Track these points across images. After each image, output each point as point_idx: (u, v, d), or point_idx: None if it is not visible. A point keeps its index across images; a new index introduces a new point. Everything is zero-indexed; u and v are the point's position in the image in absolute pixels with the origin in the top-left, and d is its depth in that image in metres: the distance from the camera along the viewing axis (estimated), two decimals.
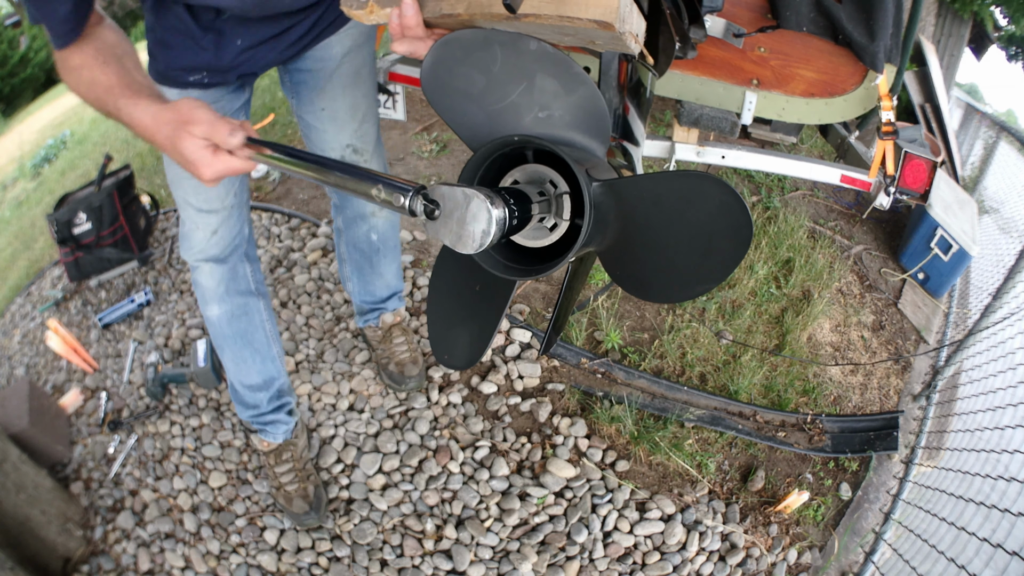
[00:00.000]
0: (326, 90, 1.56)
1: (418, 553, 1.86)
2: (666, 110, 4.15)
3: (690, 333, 2.54)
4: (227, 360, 1.78)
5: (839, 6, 2.06)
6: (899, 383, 2.72)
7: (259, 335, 1.77)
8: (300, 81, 1.56)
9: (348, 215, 1.90)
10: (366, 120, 1.66)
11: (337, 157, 1.65)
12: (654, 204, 0.62)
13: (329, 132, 1.62)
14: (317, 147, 1.68)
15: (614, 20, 0.60)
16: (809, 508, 2.05)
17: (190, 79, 1.35)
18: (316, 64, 1.52)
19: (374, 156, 1.73)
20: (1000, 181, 5.79)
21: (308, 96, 1.58)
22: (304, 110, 1.62)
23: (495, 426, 2.16)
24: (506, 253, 0.72)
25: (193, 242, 1.58)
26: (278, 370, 1.84)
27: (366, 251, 1.97)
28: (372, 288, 2.10)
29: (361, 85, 1.60)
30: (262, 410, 1.85)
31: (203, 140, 0.90)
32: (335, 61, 1.52)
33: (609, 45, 0.70)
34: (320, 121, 1.61)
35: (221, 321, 1.70)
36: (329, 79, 1.55)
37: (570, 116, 0.67)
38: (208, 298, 1.67)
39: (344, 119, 1.61)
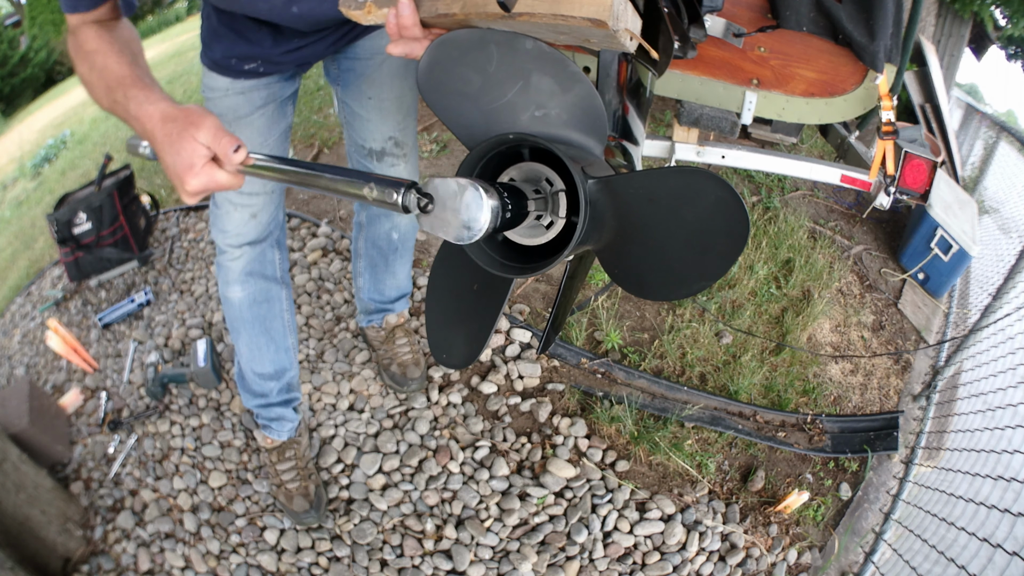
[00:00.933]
0: (375, 79, 1.55)
1: (418, 553, 1.86)
2: (666, 110, 4.15)
3: (690, 333, 2.54)
4: (241, 344, 1.76)
5: (839, 6, 2.06)
6: (899, 383, 2.71)
7: (277, 324, 1.76)
8: (348, 68, 1.56)
9: (373, 211, 1.91)
10: (410, 114, 1.66)
11: (378, 148, 1.66)
12: (650, 201, 0.62)
13: (373, 121, 1.62)
14: (359, 136, 1.67)
15: (608, 18, 0.60)
16: (809, 508, 2.05)
17: (245, 67, 1.36)
18: (367, 53, 1.52)
19: (412, 151, 1.73)
20: (1000, 181, 5.79)
21: (356, 84, 1.57)
22: (350, 97, 1.61)
23: (495, 426, 2.16)
24: (503, 251, 0.72)
25: (229, 226, 1.56)
26: (291, 361, 1.84)
27: (384, 249, 1.96)
28: (383, 287, 2.09)
29: (409, 77, 1.59)
30: (270, 400, 1.84)
31: (204, 148, 0.88)
32: (383, 53, 1.51)
33: (604, 43, 0.70)
34: (366, 110, 1.61)
35: (242, 304, 1.69)
36: (379, 68, 1.54)
37: (566, 115, 0.67)
38: (231, 279, 1.65)
39: (390, 109, 1.61)
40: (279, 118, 1.51)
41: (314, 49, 1.41)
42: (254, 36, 1.32)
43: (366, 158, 1.69)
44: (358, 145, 1.69)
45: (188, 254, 3.04)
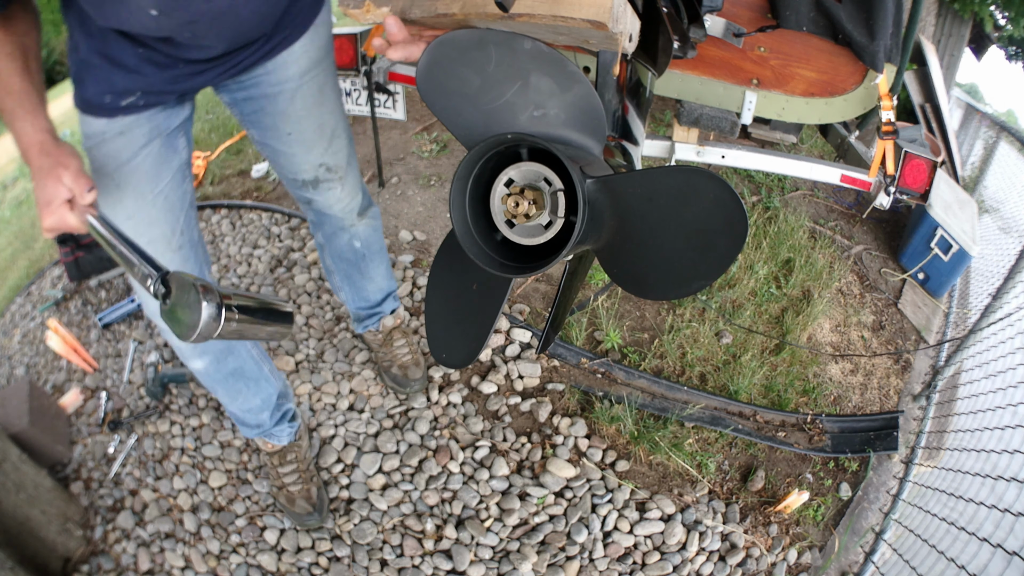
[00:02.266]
0: (289, 113, 1.44)
1: (418, 553, 1.86)
2: (666, 110, 4.15)
3: (690, 333, 2.54)
4: (222, 397, 1.71)
5: (839, 6, 2.06)
6: (899, 383, 2.71)
7: (248, 364, 1.68)
8: (258, 109, 1.43)
9: (327, 230, 1.83)
10: (336, 136, 1.56)
11: (311, 178, 1.59)
12: (649, 201, 0.62)
13: (298, 155, 1.53)
14: (287, 171, 1.59)
15: (607, 20, 0.60)
16: (809, 508, 2.05)
17: (122, 104, 1.19)
18: (274, 88, 1.39)
19: (349, 170, 1.66)
20: (1000, 181, 5.79)
21: (271, 123, 1.45)
22: (268, 138, 1.50)
23: (495, 426, 2.16)
24: (503, 251, 0.72)
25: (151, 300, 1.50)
26: (272, 384, 1.78)
27: (352, 259, 1.91)
28: (365, 293, 2.05)
29: (326, 102, 1.49)
30: (266, 427, 1.82)
31: (66, 189, 0.94)
32: (295, 82, 1.40)
33: (603, 44, 0.70)
34: (287, 146, 1.50)
35: (209, 370, 1.60)
36: (291, 102, 1.42)
37: (565, 114, 0.67)
38: (188, 354, 1.56)
39: (312, 140, 1.51)
40: (169, 154, 1.32)
41: (206, 77, 1.27)
42: (132, 62, 1.14)
43: (301, 188, 1.64)
44: (289, 179, 1.62)
45: None
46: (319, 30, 1.38)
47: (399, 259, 2.75)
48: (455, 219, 0.69)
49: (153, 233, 1.34)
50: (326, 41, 1.43)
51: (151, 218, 1.32)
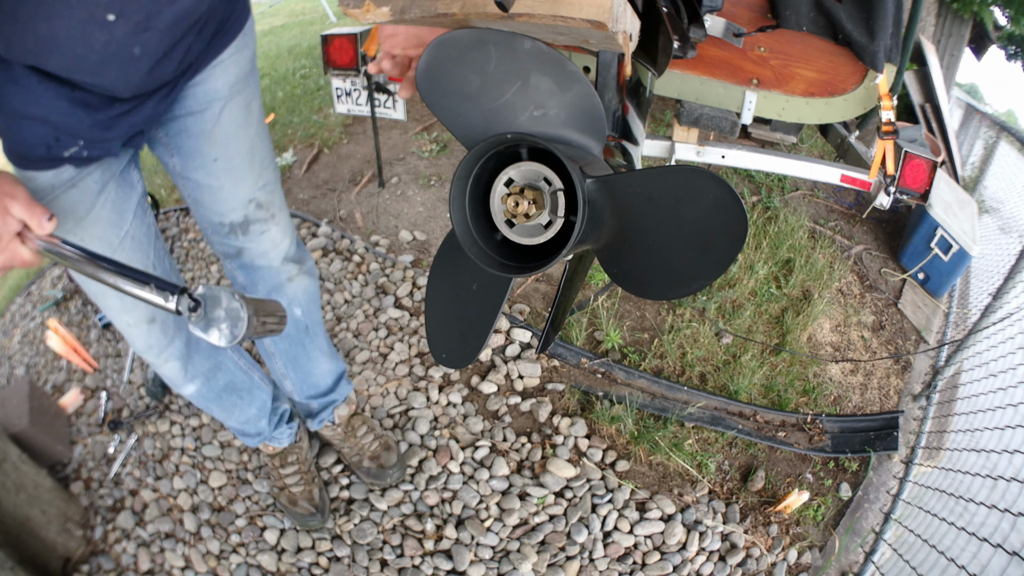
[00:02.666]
0: (216, 135, 1.26)
1: (418, 553, 1.86)
2: (666, 110, 4.16)
3: (690, 333, 2.54)
4: (219, 415, 1.64)
5: (839, 6, 2.06)
6: (899, 383, 2.71)
7: (238, 376, 1.59)
8: (181, 130, 1.25)
9: (261, 293, 1.56)
10: (265, 166, 1.38)
11: (240, 219, 1.39)
12: (649, 200, 0.62)
13: (226, 188, 1.34)
14: (213, 212, 1.38)
15: (607, 20, 0.60)
16: (809, 508, 2.05)
17: (64, 155, 1.04)
18: (200, 105, 1.22)
19: (280, 209, 1.46)
20: (1000, 181, 5.79)
21: (195, 147, 1.27)
22: (191, 167, 1.30)
23: (495, 426, 2.16)
24: (503, 251, 0.72)
25: (136, 343, 1.35)
26: (264, 390, 1.70)
27: (293, 335, 1.67)
28: (314, 379, 1.79)
29: (253, 123, 1.33)
30: (267, 433, 1.78)
31: (16, 221, 0.83)
32: (223, 97, 1.23)
33: (603, 44, 0.70)
34: (214, 176, 1.31)
35: (202, 392, 1.52)
36: (218, 121, 1.25)
37: (565, 114, 0.67)
38: (177, 383, 1.47)
39: (242, 168, 1.33)
40: (127, 193, 1.20)
41: (143, 111, 1.11)
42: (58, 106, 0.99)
43: (229, 236, 1.41)
44: (215, 224, 1.40)
45: (188, 254, 3.04)
46: (246, 39, 1.25)
47: (399, 259, 2.75)
48: (455, 219, 0.69)
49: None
50: (252, 54, 1.29)
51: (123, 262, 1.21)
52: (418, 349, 2.39)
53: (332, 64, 2.63)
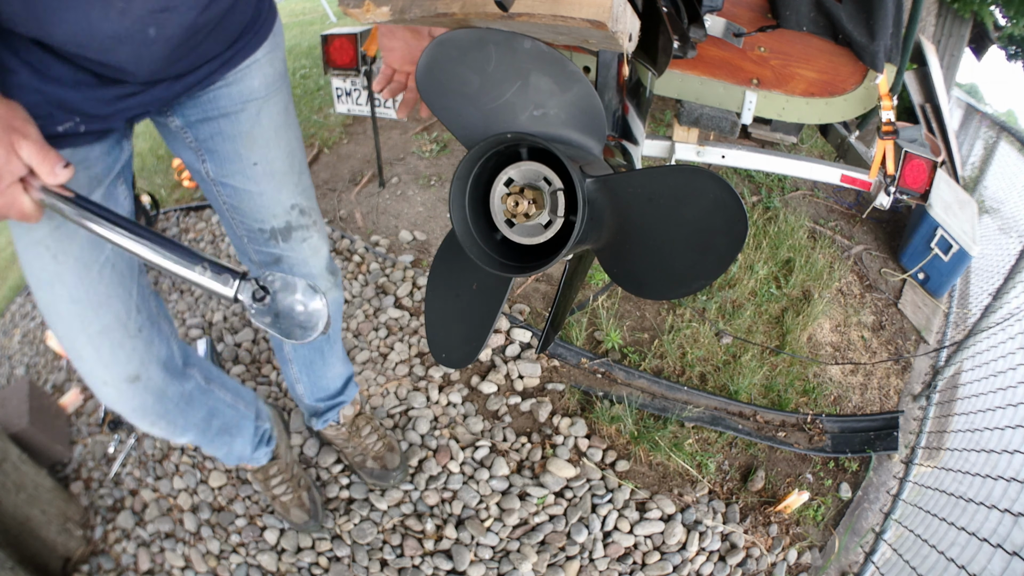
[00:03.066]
0: (255, 137, 1.18)
1: (418, 553, 1.86)
2: (666, 110, 4.16)
3: (690, 333, 2.54)
4: (212, 452, 1.56)
5: (839, 6, 2.07)
6: (899, 383, 2.71)
7: (228, 414, 1.50)
8: (214, 133, 1.16)
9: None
10: (303, 170, 1.32)
11: (282, 225, 1.30)
12: (649, 200, 0.62)
13: (267, 193, 1.25)
14: (252, 217, 1.28)
15: (607, 19, 0.60)
16: (809, 508, 2.05)
17: (59, 128, 0.92)
18: (235, 106, 1.14)
19: (319, 214, 1.40)
20: (1000, 181, 5.79)
21: (232, 151, 1.18)
22: (228, 172, 1.21)
23: (495, 426, 2.16)
24: (503, 251, 0.72)
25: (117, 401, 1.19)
26: (248, 418, 1.61)
27: (316, 344, 1.63)
28: (325, 383, 1.78)
29: (292, 125, 1.27)
30: (247, 456, 1.70)
31: (23, 165, 0.71)
32: (260, 97, 1.16)
33: (603, 44, 0.70)
34: (254, 181, 1.23)
35: (198, 440, 1.44)
36: (256, 121, 1.17)
37: (565, 114, 0.67)
38: (177, 433, 1.34)
39: (283, 171, 1.25)
40: (112, 206, 1.06)
41: (156, 95, 1.01)
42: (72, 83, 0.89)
43: (269, 242, 1.32)
44: (254, 230, 1.31)
45: None
46: (277, 40, 1.19)
47: (399, 259, 2.75)
48: (455, 219, 0.69)
49: (105, 318, 1.08)
50: (283, 56, 1.23)
51: (100, 298, 1.06)
52: (418, 349, 2.39)
53: (332, 64, 2.63)
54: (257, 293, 0.64)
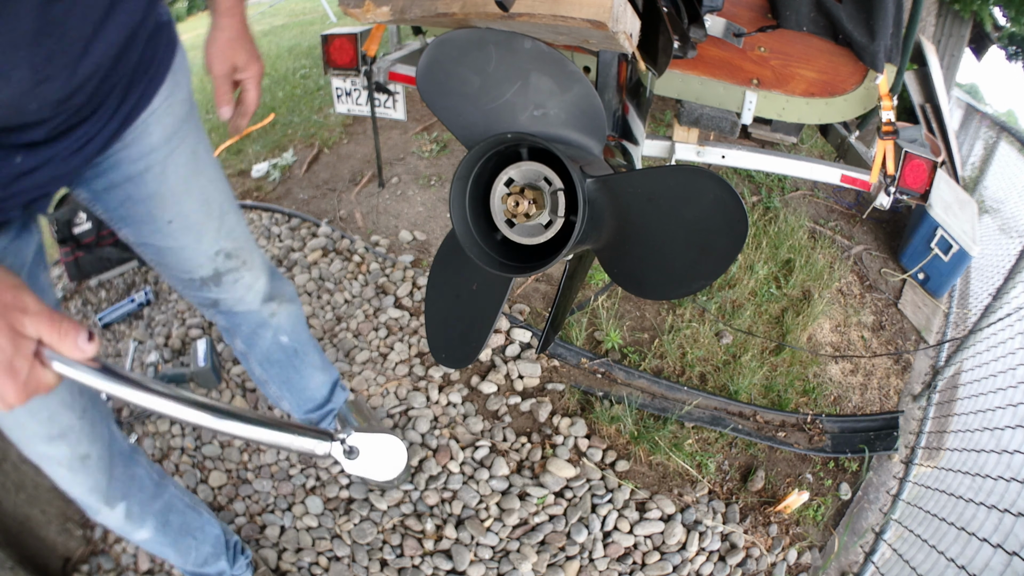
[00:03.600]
0: (164, 195, 1.12)
1: (418, 553, 1.86)
2: (666, 110, 4.16)
3: (690, 333, 2.54)
4: (175, 559, 1.50)
5: (839, 6, 2.07)
6: (899, 383, 2.71)
7: (189, 515, 1.47)
8: (124, 200, 1.09)
9: (246, 332, 1.51)
10: (225, 211, 1.24)
11: (209, 272, 1.27)
12: (649, 200, 0.62)
13: (189, 247, 1.21)
14: (180, 272, 1.26)
15: (607, 20, 0.60)
16: (809, 508, 2.05)
17: None
18: (136, 167, 1.06)
19: (251, 251, 1.34)
20: (1000, 181, 5.79)
21: (145, 213, 1.12)
22: (146, 234, 1.16)
23: (495, 426, 2.16)
24: (503, 251, 0.72)
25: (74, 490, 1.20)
26: (213, 523, 1.57)
27: (284, 359, 1.61)
28: (309, 394, 1.75)
29: (204, 169, 1.18)
30: (227, 573, 1.64)
31: (31, 342, 0.60)
32: (162, 151, 1.08)
33: (603, 44, 0.70)
34: (172, 238, 1.17)
35: (157, 538, 1.39)
36: (163, 178, 1.10)
37: (565, 114, 0.67)
38: (129, 527, 1.31)
39: (200, 221, 1.19)
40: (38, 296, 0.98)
41: (54, 172, 0.89)
42: None
43: (201, 289, 1.31)
44: (184, 280, 1.29)
45: None
46: (178, 77, 1.07)
47: (399, 259, 2.75)
48: (455, 219, 0.69)
49: (51, 405, 1.05)
50: (188, 92, 1.13)
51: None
52: (418, 349, 2.39)
53: (332, 64, 2.63)
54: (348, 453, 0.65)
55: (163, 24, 1.01)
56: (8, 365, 0.58)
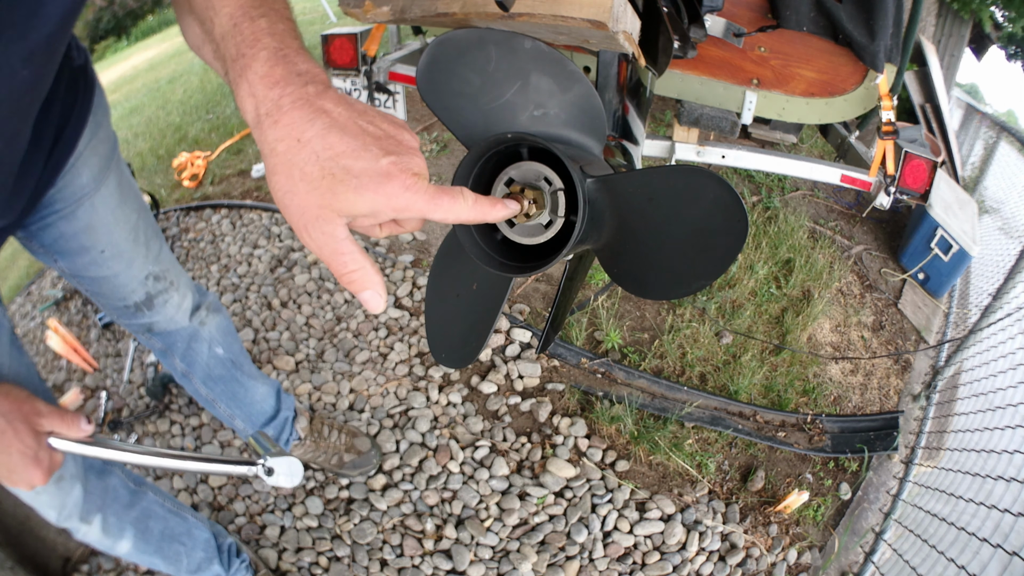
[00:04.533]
0: (95, 226, 1.15)
1: (418, 553, 1.86)
2: (666, 110, 4.16)
3: (690, 333, 2.54)
4: (164, 567, 1.50)
5: (839, 6, 2.07)
6: (899, 383, 2.71)
7: (172, 521, 1.48)
8: (58, 236, 1.12)
9: (181, 349, 1.51)
10: (151, 236, 1.30)
11: (141, 297, 1.32)
12: (649, 200, 0.62)
13: (121, 275, 1.26)
14: (114, 300, 1.31)
15: (607, 19, 0.60)
16: (809, 508, 2.05)
17: None
18: (69, 206, 1.09)
19: (173, 269, 1.38)
20: (1000, 181, 5.80)
21: (78, 246, 1.16)
22: (81, 266, 1.20)
23: (495, 426, 2.16)
24: (503, 251, 0.72)
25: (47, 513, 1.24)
26: (203, 528, 1.58)
27: (225, 373, 1.60)
28: (259, 407, 1.72)
29: (129, 197, 1.22)
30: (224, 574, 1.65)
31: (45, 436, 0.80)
32: (90, 188, 1.11)
33: (603, 44, 0.70)
34: (106, 267, 1.22)
35: (139, 547, 1.40)
36: (94, 212, 1.14)
37: (565, 114, 0.67)
38: (109, 541, 1.34)
39: (130, 248, 1.24)
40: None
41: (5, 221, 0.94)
42: None
43: (135, 315, 1.35)
44: (120, 308, 1.33)
45: (188, 254, 3.04)
46: (98, 117, 1.10)
47: (399, 259, 2.75)
48: None
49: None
50: (108, 128, 1.16)
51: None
52: (418, 349, 2.39)
53: (332, 64, 2.63)
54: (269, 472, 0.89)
55: (78, 69, 1.02)
56: (35, 457, 0.79)
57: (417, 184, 0.49)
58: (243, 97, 0.51)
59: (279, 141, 0.48)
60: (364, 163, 0.47)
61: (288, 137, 0.48)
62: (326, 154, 0.47)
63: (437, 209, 0.50)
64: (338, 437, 1.96)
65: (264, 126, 0.49)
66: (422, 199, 0.49)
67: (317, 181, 0.47)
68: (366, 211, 0.48)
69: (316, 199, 0.47)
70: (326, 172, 0.47)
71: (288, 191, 0.48)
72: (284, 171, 0.48)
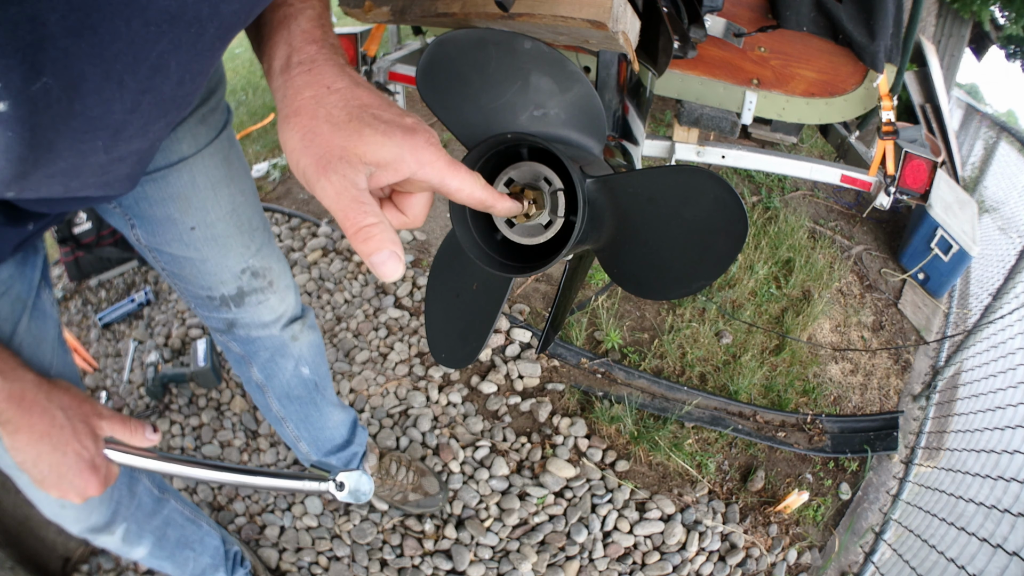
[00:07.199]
0: (188, 199, 1.01)
1: (418, 553, 1.86)
2: (666, 110, 4.16)
3: (690, 333, 2.54)
4: (171, 570, 1.45)
5: (839, 6, 2.07)
6: (899, 383, 2.71)
7: (188, 529, 1.43)
8: (141, 198, 0.99)
9: (263, 361, 1.34)
10: (255, 227, 1.14)
11: (232, 291, 1.16)
12: (649, 200, 0.62)
13: (211, 260, 1.09)
14: (197, 288, 1.14)
15: (607, 20, 0.60)
16: (809, 508, 2.05)
17: None
18: (159, 168, 0.97)
19: (278, 269, 1.22)
20: (1000, 181, 5.80)
21: (164, 215, 1.01)
22: (162, 240, 1.05)
23: (495, 426, 2.16)
24: (503, 251, 0.72)
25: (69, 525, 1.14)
26: (213, 535, 1.53)
27: (305, 395, 1.46)
28: (328, 434, 1.57)
29: (236, 177, 1.08)
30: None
31: (103, 442, 0.74)
32: (190, 154, 0.99)
33: (603, 44, 0.70)
34: (193, 248, 1.07)
35: (154, 553, 1.34)
36: (191, 182, 1.00)
37: (565, 114, 0.67)
38: (125, 550, 1.27)
39: (227, 234, 1.08)
40: (41, 327, 0.91)
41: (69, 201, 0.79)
42: None
43: (219, 309, 1.19)
44: (201, 297, 1.17)
45: None
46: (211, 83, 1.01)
47: None
48: (455, 219, 0.69)
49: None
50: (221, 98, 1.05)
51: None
52: (418, 349, 2.39)
53: None
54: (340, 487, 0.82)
55: None
56: (91, 463, 0.72)
57: (439, 146, 0.51)
58: (276, 43, 0.53)
59: (308, 86, 0.50)
60: (391, 115, 0.49)
61: (318, 84, 0.50)
62: (355, 102, 0.49)
63: (455, 176, 0.51)
64: (406, 475, 1.90)
65: (294, 72, 0.51)
66: (443, 160, 0.50)
67: (344, 124, 0.47)
68: (390, 158, 0.48)
69: (341, 140, 0.47)
70: (353, 116, 0.48)
71: (309, 131, 0.47)
72: (309, 111, 0.48)
